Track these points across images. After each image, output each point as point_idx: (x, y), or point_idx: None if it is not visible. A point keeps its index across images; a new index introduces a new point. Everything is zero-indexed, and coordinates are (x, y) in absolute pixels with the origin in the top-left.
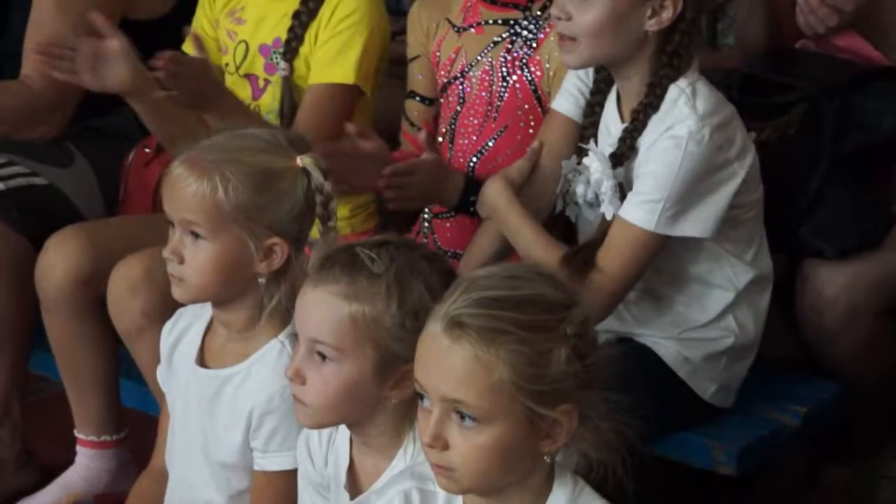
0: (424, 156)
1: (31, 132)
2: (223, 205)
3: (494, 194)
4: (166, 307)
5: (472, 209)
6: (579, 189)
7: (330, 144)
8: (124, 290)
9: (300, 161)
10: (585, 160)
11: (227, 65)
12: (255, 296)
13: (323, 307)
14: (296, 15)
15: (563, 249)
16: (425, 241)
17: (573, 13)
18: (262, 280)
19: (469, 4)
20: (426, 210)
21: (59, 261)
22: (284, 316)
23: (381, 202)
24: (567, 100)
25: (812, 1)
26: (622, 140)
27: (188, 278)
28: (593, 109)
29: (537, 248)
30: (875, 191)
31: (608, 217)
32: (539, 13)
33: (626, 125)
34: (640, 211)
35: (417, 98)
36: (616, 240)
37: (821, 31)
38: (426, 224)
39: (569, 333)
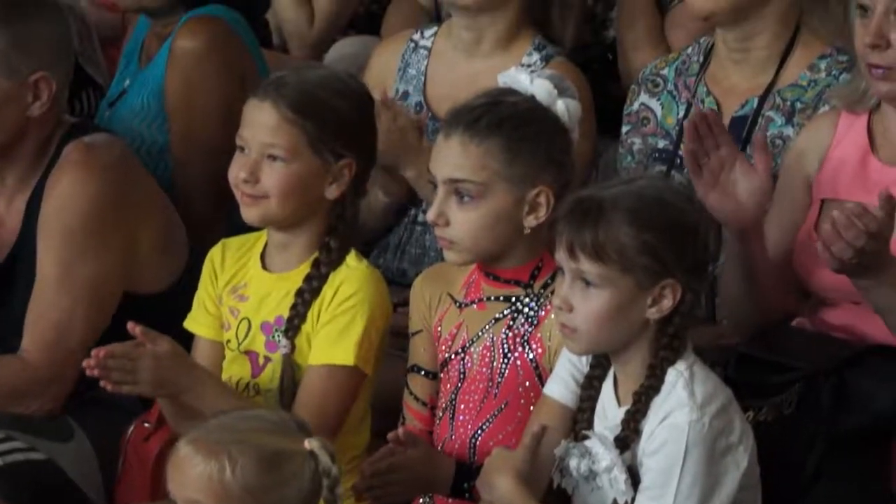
0: (410, 451)
1: (27, 406)
2: (230, 486)
3: (508, 491)
4: None
5: (466, 494)
6: (573, 462)
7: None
8: None
9: (308, 444)
10: (588, 443)
11: (228, 342)
12: None
13: None
14: (299, 293)
15: None
16: None
17: (575, 305)
18: None
19: (471, 280)
20: None
21: None
22: None
23: None
24: (559, 384)
25: (841, 219)
26: (626, 423)
27: None
28: (591, 383)
29: None
30: (874, 470)
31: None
32: (541, 290)
33: (627, 408)
34: None
35: (421, 372)
36: None
37: (847, 257)
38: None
39: None
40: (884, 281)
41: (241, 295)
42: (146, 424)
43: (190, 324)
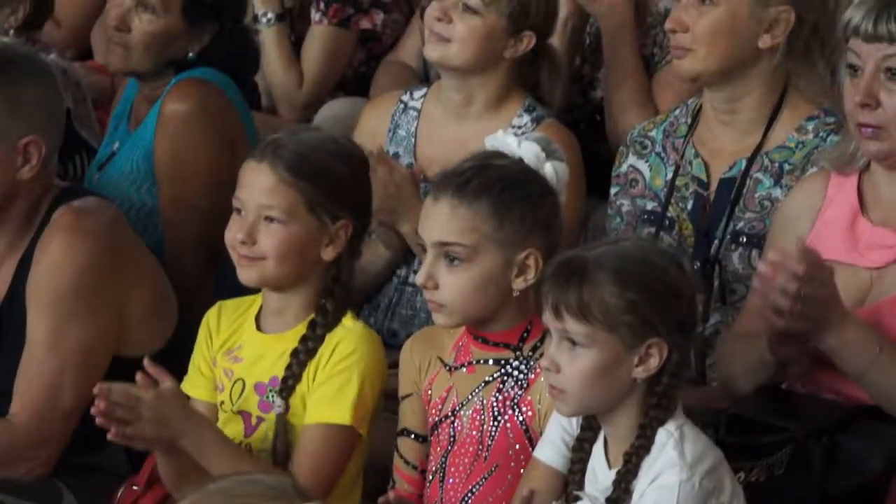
0: None
1: (16, 470)
2: None
3: None
4: None
5: None
6: None
7: None
8: None
9: None
10: None
11: (222, 403)
12: None
13: None
14: (294, 353)
15: None
16: None
17: (562, 365)
18: None
19: (461, 343)
20: None
21: None
22: None
23: None
24: (550, 448)
25: (767, 267)
26: (617, 483)
27: None
28: (582, 446)
29: None
30: None
31: None
32: (530, 353)
33: (618, 469)
34: None
35: (412, 436)
36: None
37: (783, 306)
38: None
39: None
40: (846, 340)
41: (236, 356)
42: (135, 487)
43: (185, 386)
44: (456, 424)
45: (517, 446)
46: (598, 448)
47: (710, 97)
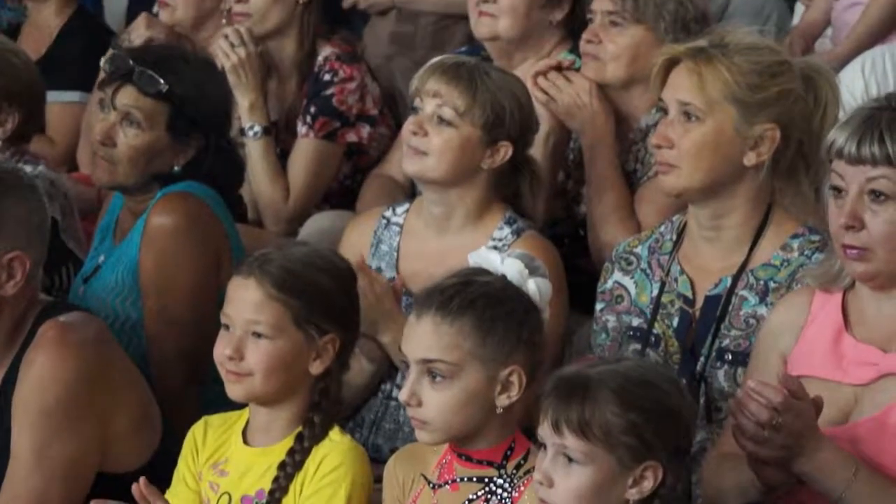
0: None
1: None
2: None
3: None
4: None
5: None
6: None
7: None
8: None
9: None
10: None
11: None
12: None
13: None
14: (281, 466)
15: None
16: None
17: (556, 480)
18: None
19: (444, 461)
20: None
21: None
22: None
23: None
24: None
25: (740, 397)
26: None
27: None
28: None
29: None
30: None
31: None
32: (514, 471)
33: None
34: None
35: None
36: None
37: (752, 435)
38: None
39: None
40: (820, 465)
41: (223, 470)
42: None
43: (171, 499)
44: None
45: None
46: None
47: (695, 214)
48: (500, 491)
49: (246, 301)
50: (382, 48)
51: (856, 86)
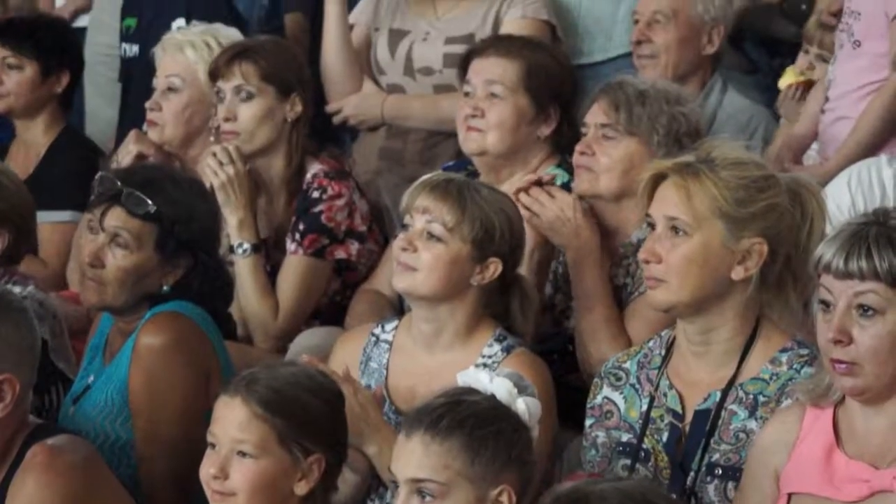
0: None
1: None
2: None
3: None
4: None
5: None
6: None
7: None
8: None
9: None
10: None
11: None
12: None
13: None
14: None
15: None
16: None
17: None
18: None
19: None
20: None
21: None
22: None
23: None
24: None
25: None
26: None
27: None
28: None
29: None
30: None
31: None
32: None
33: None
34: None
35: None
36: None
37: None
38: None
39: None
40: None
41: None
42: None
43: None
44: None
45: None
46: None
47: (684, 328)
48: None
49: (231, 420)
50: (372, 163)
51: (842, 199)
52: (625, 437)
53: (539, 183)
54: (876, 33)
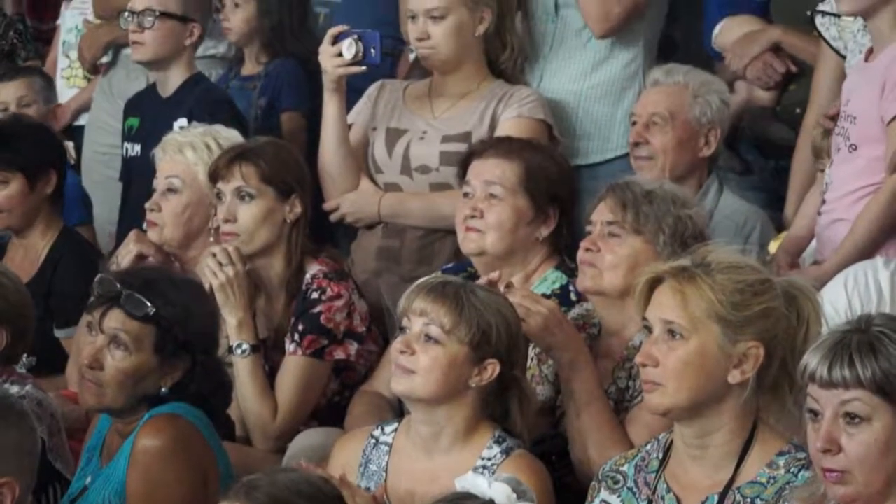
0: None
1: None
2: None
3: None
4: None
5: None
6: None
7: None
8: None
9: None
10: None
11: None
12: None
13: None
14: None
15: None
16: None
17: None
18: None
19: None
20: None
21: None
22: None
23: None
24: None
25: None
26: None
27: None
28: None
29: None
30: None
31: None
32: None
33: None
34: None
35: None
36: None
37: None
38: None
39: None
40: None
41: None
42: None
43: None
44: None
45: None
46: None
47: (681, 432)
48: None
49: None
50: (370, 263)
51: (839, 302)
52: None
53: (508, 285)
54: (872, 137)
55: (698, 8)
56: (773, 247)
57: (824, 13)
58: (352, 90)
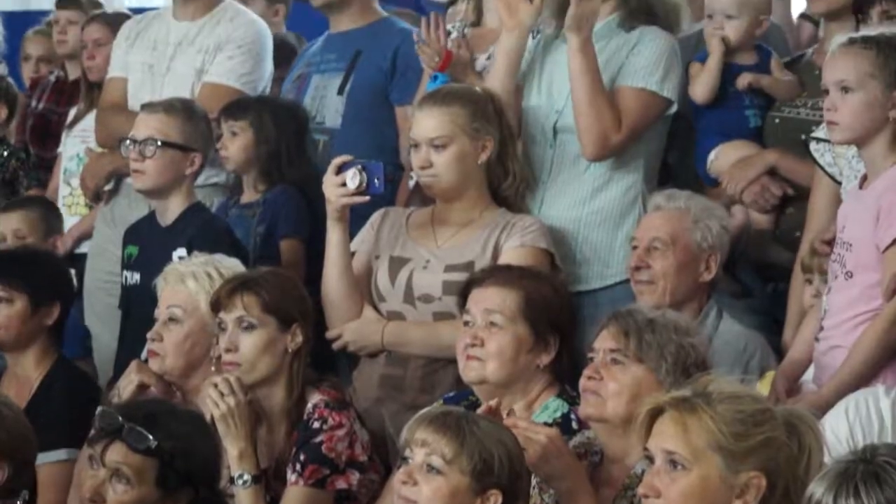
0: None
1: None
2: None
3: None
4: None
5: None
6: None
7: None
8: None
9: None
10: None
11: None
12: None
13: None
14: None
15: None
16: None
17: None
18: None
19: None
20: None
21: None
22: None
23: None
24: None
25: None
26: None
27: None
28: None
29: None
30: None
31: None
32: None
33: None
34: None
35: None
36: None
37: None
38: None
39: None
40: None
41: None
42: None
43: None
44: None
45: None
46: None
47: None
48: None
49: None
50: (372, 391)
51: (840, 430)
52: None
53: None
54: (867, 265)
55: (692, 134)
56: (763, 385)
57: (818, 139)
58: (354, 215)
